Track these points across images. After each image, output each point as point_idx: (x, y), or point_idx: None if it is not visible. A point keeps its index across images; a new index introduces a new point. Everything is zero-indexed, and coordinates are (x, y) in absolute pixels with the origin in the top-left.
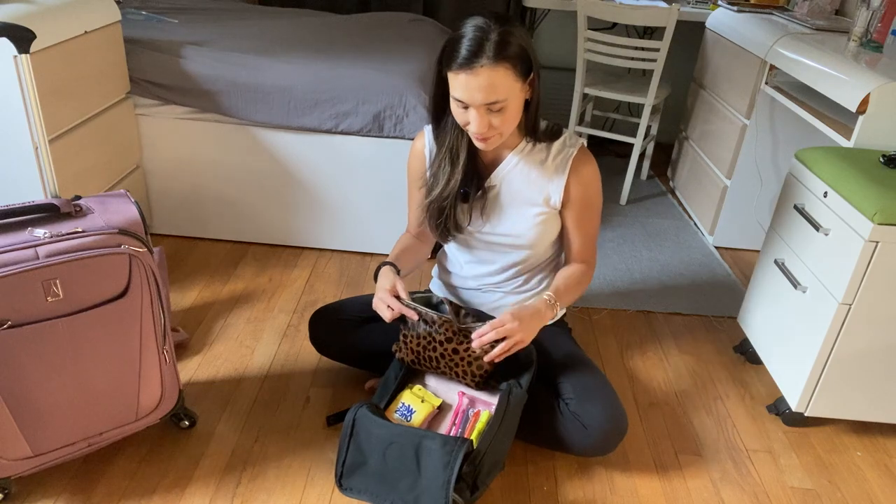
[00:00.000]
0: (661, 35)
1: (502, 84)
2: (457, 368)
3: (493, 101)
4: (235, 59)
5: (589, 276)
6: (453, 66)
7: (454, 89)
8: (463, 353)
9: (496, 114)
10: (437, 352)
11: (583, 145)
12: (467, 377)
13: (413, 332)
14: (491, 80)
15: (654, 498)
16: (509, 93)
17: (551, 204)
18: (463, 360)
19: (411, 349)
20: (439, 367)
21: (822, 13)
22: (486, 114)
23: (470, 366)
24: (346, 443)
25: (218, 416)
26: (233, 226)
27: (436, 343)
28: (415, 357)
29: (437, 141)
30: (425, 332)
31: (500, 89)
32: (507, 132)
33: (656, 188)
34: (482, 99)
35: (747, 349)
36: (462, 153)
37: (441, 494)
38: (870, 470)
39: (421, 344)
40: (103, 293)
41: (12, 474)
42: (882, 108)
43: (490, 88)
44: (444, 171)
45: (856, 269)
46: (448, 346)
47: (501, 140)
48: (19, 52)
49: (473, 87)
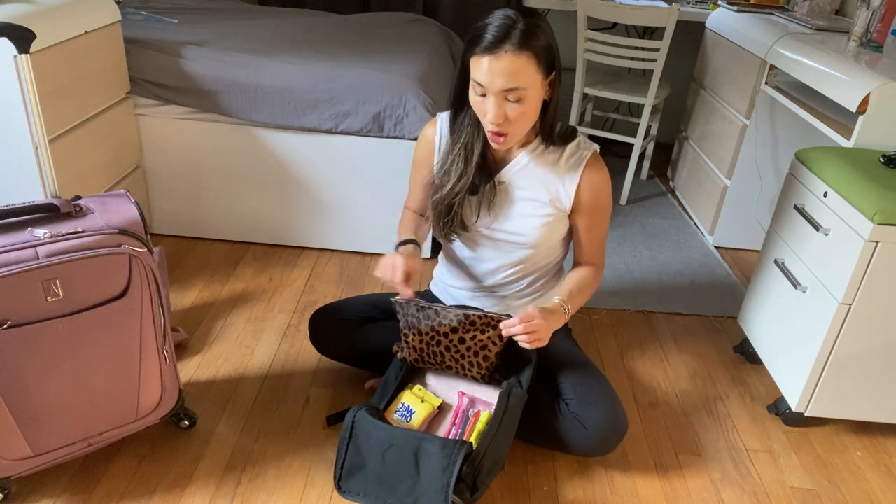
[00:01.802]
0: (661, 35)
1: (524, 72)
2: (463, 360)
3: (512, 86)
4: (235, 59)
5: (597, 279)
6: (477, 49)
7: (475, 72)
8: (469, 342)
9: (514, 104)
10: (441, 345)
11: (596, 151)
12: (473, 369)
13: (414, 330)
14: (513, 67)
15: (654, 498)
16: (530, 83)
17: (560, 206)
18: (469, 351)
19: (413, 347)
20: (444, 360)
21: (822, 13)
22: (503, 102)
23: (476, 356)
24: (344, 445)
25: (218, 416)
26: (233, 226)
27: (440, 336)
28: (418, 355)
29: (453, 136)
30: (427, 328)
31: (521, 77)
32: (521, 131)
33: (656, 188)
34: (502, 84)
35: (747, 349)
36: (476, 150)
37: (440, 498)
38: (870, 470)
39: (424, 340)
40: (103, 293)
41: (12, 474)
42: (882, 108)
43: (511, 74)
44: (456, 167)
45: (856, 269)
46: (454, 336)
47: (515, 140)
48: (19, 52)
49: (495, 71)
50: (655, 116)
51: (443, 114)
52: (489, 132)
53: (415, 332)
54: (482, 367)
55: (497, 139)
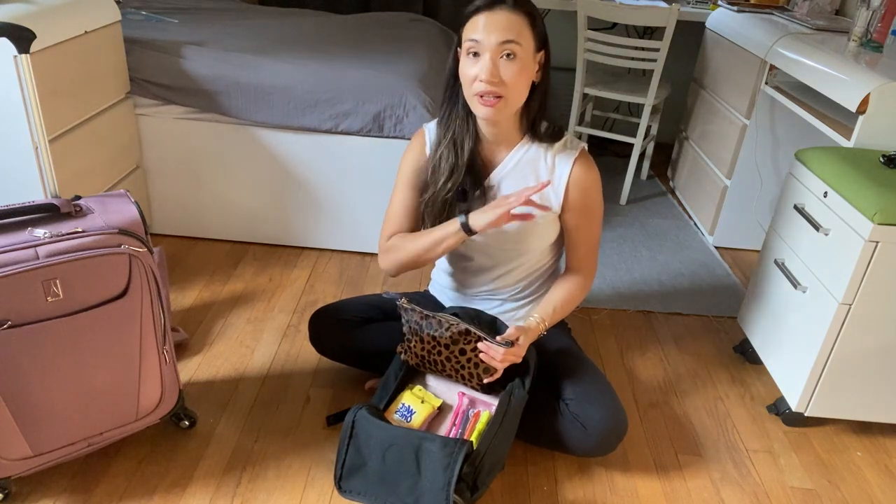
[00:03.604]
0: (661, 35)
1: (520, 29)
2: (463, 371)
3: (508, 39)
4: (235, 59)
5: (584, 291)
6: (472, 11)
7: (471, 32)
8: (470, 353)
9: (507, 62)
10: (442, 355)
11: (584, 149)
12: (473, 380)
13: (417, 337)
14: (509, 21)
15: (654, 498)
16: (524, 42)
17: (550, 206)
18: (470, 362)
19: (415, 353)
20: (445, 369)
21: (822, 13)
22: (497, 60)
23: (477, 367)
24: (345, 445)
25: (218, 416)
26: (233, 226)
27: (441, 347)
28: (419, 360)
29: (444, 129)
30: (429, 337)
31: (517, 31)
32: (511, 101)
33: (656, 188)
34: (498, 38)
35: (747, 349)
36: (467, 144)
37: (441, 496)
38: (870, 470)
39: (426, 348)
40: (103, 293)
41: (12, 474)
42: (882, 108)
43: (507, 28)
44: (447, 162)
45: (856, 269)
46: (454, 347)
47: (506, 111)
48: (19, 52)
49: (490, 26)
50: (655, 116)
51: (428, 124)
52: (480, 101)
53: (417, 339)
54: (481, 378)
55: (489, 103)
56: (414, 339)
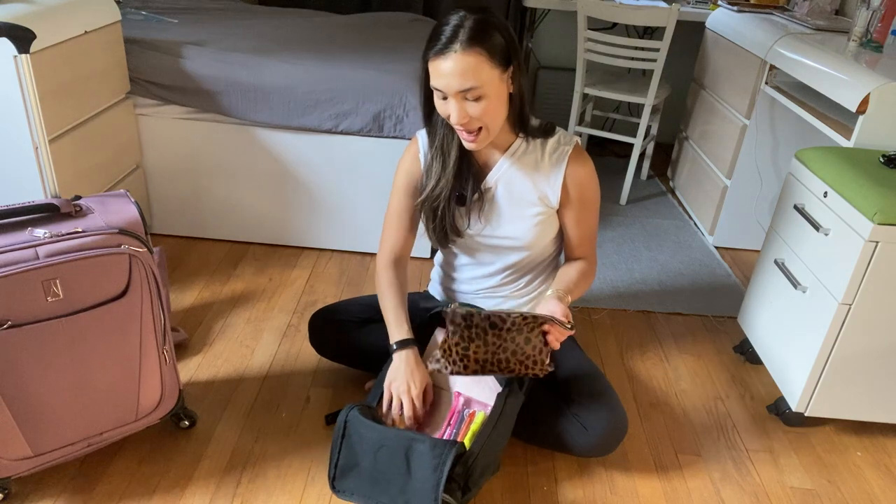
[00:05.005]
0: (661, 35)
1: (476, 71)
2: (527, 361)
3: (467, 87)
4: (235, 59)
5: (592, 272)
6: (430, 54)
7: (433, 78)
8: (535, 340)
9: (474, 103)
10: (507, 351)
11: (577, 143)
12: (537, 367)
13: (479, 341)
14: (464, 66)
15: (654, 498)
16: (485, 80)
17: (548, 203)
18: (535, 349)
19: (470, 358)
20: (509, 365)
21: (822, 13)
22: (463, 102)
23: (540, 353)
24: (337, 445)
25: (218, 416)
26: (233, 226)
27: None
28: (478, 367)
29: (429, 139)
30: (494, 336)
31: (474, 76)
32: (492, 128)
33: (656, 188)
34: (457, 85)
35: (747, 349)
36: (453, 151)
37: (430, 497)
38: (870, 470)
39: (489, 350)
40: (103, 293)
41: (12, 474)
42: (882, 108)
43: (463, 74)
44: (434, 169)
45: (856, 269)
46: (519, 338)
47: (490, 138)
48: (19, 52)
49: (447, 73)
50: (655, 116)
51: (421, 130)
52: (460, 134)
53: (479, 343)
54: (545, 363)
55: (469, 138)
56: (472, 345)
